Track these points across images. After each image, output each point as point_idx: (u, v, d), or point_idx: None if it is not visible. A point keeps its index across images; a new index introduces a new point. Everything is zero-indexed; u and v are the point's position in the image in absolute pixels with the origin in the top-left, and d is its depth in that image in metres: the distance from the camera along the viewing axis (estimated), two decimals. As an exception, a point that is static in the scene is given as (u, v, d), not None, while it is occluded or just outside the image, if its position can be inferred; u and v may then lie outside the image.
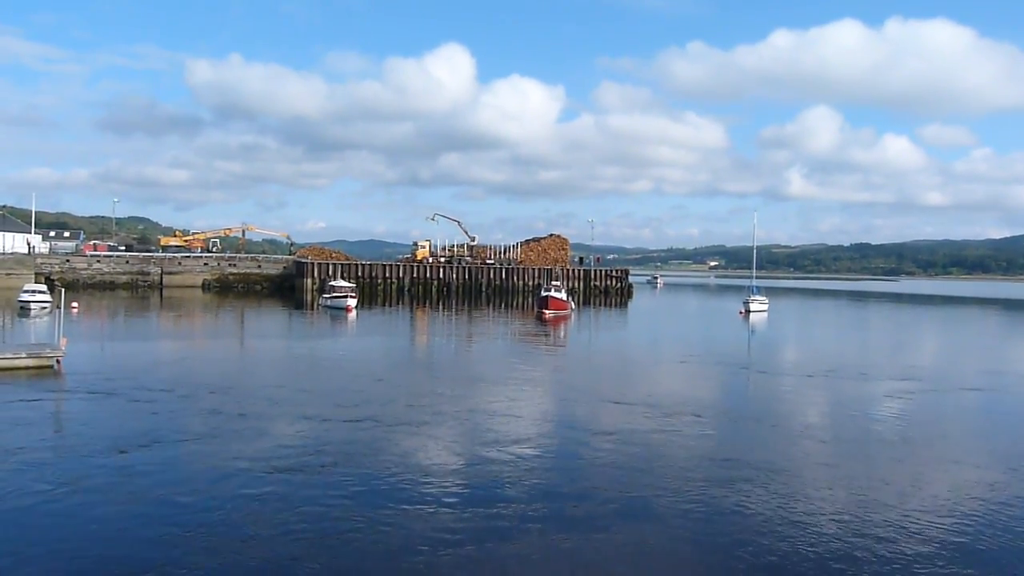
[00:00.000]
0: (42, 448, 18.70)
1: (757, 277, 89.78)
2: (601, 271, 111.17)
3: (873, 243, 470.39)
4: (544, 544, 13.25)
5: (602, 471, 17.85)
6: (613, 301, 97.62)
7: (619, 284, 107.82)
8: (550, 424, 23.55)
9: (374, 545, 12.99)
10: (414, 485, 16.35)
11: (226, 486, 15.93)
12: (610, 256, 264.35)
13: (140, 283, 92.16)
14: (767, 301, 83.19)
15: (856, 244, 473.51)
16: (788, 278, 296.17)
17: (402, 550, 12.78)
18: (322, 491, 15.76)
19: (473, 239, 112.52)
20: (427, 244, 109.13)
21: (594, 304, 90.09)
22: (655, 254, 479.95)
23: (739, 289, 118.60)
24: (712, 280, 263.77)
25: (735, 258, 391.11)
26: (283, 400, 25.49)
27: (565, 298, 72.91)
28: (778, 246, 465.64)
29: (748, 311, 76.67)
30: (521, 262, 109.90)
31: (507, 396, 27.63)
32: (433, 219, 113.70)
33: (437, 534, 13.48)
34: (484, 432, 21.55)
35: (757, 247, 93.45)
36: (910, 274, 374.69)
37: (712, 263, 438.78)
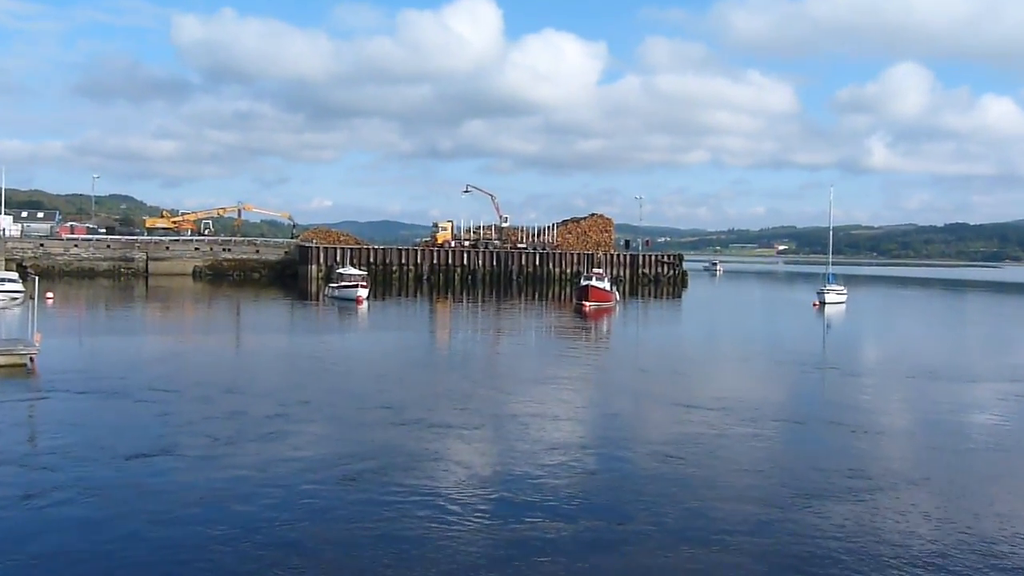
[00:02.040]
0: (34, 454, 19.38)
1: (833, 263, 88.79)
2: (650, 256, 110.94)
3: (971, 223, 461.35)
4: (618, 557, 13.62)
5: (667, 481, 18.13)
6: (665, 291, 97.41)
7: (672, 271, 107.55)
8: (603, 429, 23.97)
9: (427, 555, 13.66)
10: (464, 493, 17.01)
11: (262, 493, 16.58)
12: (661, 239, 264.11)
13: (123, 270, 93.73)
14: (845, 291, 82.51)
15: (951, 224, 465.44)
16: (870, 264, 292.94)
17: (457, 559, 13.48)
18: (371, 498, 16.55)
19: (505, 219, 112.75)
20: (449, 225, 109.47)
21: (642, 295, 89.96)
22: (714, 236, 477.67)
23: (812, 277, 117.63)
24: (780, 267, 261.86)
25: (807, 241, 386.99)
26: (312, 401, 26.21)
27: (608, 288, 72.84)
28: (858, 227, 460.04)
29: (823, 303, 76.13)
30: (557, 246, 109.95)
31: (554, 398, 28.13)
32: (467, 191, 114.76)
33: (495, 544, 14.14)
34: (537, 437, 22.15)
35: (833, 228, 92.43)
36: (1016, 259, 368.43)
37: (780, 247, 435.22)
